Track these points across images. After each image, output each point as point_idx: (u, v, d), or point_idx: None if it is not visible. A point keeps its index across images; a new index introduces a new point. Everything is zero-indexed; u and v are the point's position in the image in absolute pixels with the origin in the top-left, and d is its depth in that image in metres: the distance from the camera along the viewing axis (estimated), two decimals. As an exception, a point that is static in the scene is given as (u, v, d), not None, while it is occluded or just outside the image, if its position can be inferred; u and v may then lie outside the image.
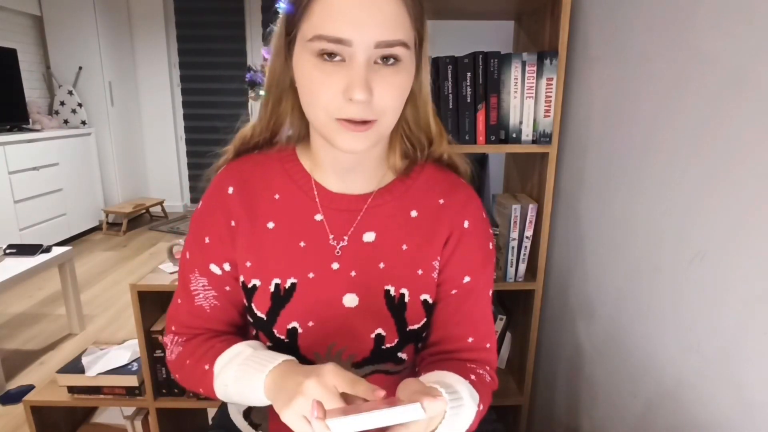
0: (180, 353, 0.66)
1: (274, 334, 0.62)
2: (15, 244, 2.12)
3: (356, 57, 0.49)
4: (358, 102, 0.49)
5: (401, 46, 0.50)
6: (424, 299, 0.64)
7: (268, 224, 0.63)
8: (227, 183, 0.63)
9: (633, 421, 0.93)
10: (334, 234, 0.62)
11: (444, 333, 0.66)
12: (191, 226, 0.66)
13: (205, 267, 0.64)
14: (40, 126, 3.55)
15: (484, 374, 0.65)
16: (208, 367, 0.61)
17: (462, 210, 0.64)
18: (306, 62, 0.51)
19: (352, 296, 0.62)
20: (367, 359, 0.63)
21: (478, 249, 0.65)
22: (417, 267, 0.63)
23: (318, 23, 0.49)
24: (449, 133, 0.64)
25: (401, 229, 0.63)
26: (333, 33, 0.48)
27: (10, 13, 3.48)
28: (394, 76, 0.51)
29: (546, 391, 1.34)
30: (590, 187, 1.08)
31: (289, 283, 0.62)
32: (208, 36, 4.32)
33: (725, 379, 0.70)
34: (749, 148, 0.64)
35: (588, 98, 1.08)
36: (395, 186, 0.64)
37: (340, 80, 0.49)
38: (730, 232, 0.68)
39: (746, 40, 0.65)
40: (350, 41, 0.48)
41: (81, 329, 2.30)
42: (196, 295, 0.65)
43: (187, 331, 0.67)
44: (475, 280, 0.65)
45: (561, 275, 1.23)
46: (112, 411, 1.53)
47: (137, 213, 4.14)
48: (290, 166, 0.64)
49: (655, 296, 0.85)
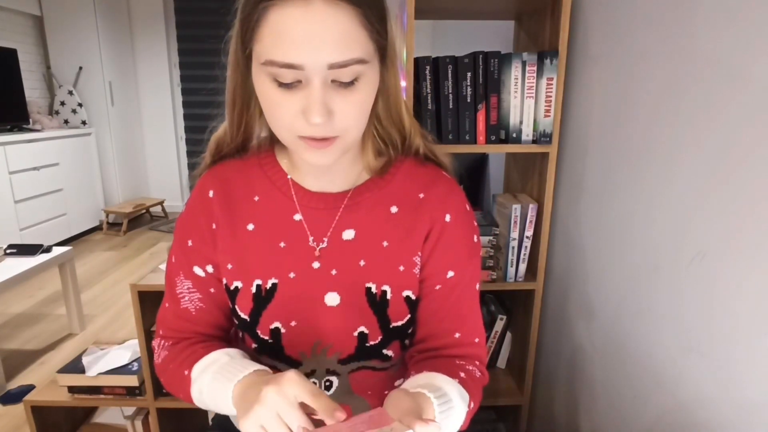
0: (165, 357, 0.66)
1: (258, 334, 0.63)
2: (15, 244, 2.12)
3: (311, 80, 0.47)
4: (316, 125, 0.49)
5: (358, 64, 0.48)
6: (407, 295, 0.63)
7: (248, 226, 0.63)
8: (208, 187, 0.64)
9: (633, 421, 0.93)
10: (314, 233, 0.62)
11: (430, 329, 0.66)
12: (176, 231, 0.67)
13: (189, 269, 0.65)
14: (40, 126, 3.55)
15: (474, 370, 0.65)
16: (187, 373, 0.61)
17: (443, 203, 0.63)
18: (263, 84, 0.50)
19: (334, 295, 0.62)
20: (353, 356, 0.63)
21: (461, 242, 0.64)
22: (398, 263, 0.62)
23: (268, 47, 0.47)
24: (431, 131, 0.62)
25: (381, 226, 0.62)
26: (283, 59, 0.46)
27: (10, 13, 3.48)
28: (353, 94, 0.50)
29: (546, 391, 1.34)
30: (590, 187, 1.08)
31: (270, 284, 0.62)
32: (208, 36, 4.31)
33: (725, 379, 0.70)
34: (750, 147, 0.64)
35: (588, 98, 1.08)
36: (373, 182, 0.63)
37: (298, 102, 0.49)
38: (730, 232, 0.68)
39: (746, 39, 0.65)
40: (302, 66, 0.46)
41: (81, 329, 2.30)
42: (181, 298, 0.66)
43: (174, 334, 0.67)
44: (459, 275, 0.64)
45: (561, 275, 1.23)
46: (112, 411, 1.53)
47: (137, 213, 4.14)
48: (269, 167, 0.64)
49: (655, 296, 0.85)
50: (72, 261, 2.21)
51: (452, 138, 1.15)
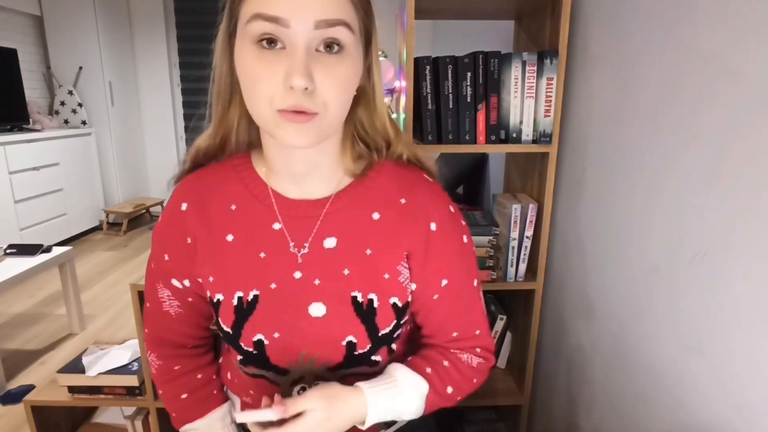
0: (155, 376, 0.73)
1: (241, 347, 0.62)
2: (15, 244, 2.12)
3: (296, 42, 0.48)
4: (298, 88, 0.47)
5: (343, 26, 0.48)
6: (394, 302, 0.62)
7: (227, 237, 0.62)
8: (181, 199, 0.63)
9: (633, 421, 0.93)
10: (295, 242, 0.61)
11: (431, 330, 0.68)
12: (153, 241, 0.67)
13: (167, 281, 0.67)
14: (40, 126, 3.55)
15: (469, 357, 0.67)
16: (175, 416, 0.71)
17: (426, 210, 0.61)
18: (246, 53, 0.50)
19: (319, 305, 0.60)
20: (341, 364, 0.62)
21: (449, 249, 0.63)
22: (383, 271, 0.61)
23: (256, 3, 0.48)
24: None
25: (364, 233, 0.61)
26: (270, 11, 0.47)
27: (10, 13, 3.48)
28: (336, 65, 0.50)
29: (546, 391, 1.34)
30: (590, 186, 1.08)
31: (252, 296, 0.61)
32: (208, 36, 4.26)
33: (725, 379, 0.70)
34: (750, 147, 0.64)
35: (588, 98, 1.08)
36: (354, 188, 0.62)
37: (281, 69, 0.48)
38: (731, 231, 0.68)
39: (746, 38, 0.65)
40: (287, 21, 0.47)
41: (81, 329, 2.30)
42: (162, 302, 0.68)
43: (158, 334, 0.72)
44: (452, 280, 0.64)
45: (561, 275, 1.23)
46: (112, 411, 1.53)
47: (137, 213, 4.14)
48: (245, 174, 0.63)
49: (655, 296, 0.85)
50: (72, 261, 2.21)
51: (452, 138, 1.15)
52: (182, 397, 0.71)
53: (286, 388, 0.65)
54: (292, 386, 0.65)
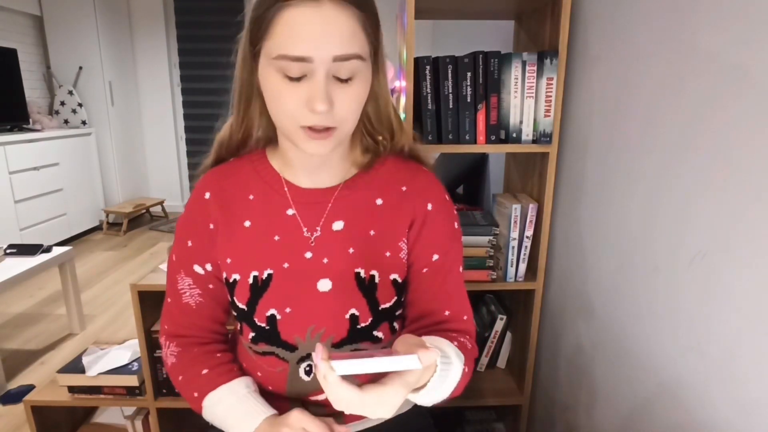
0: (173, 365, 0.73)
1: (255, 322, 0.67)
2: (15, 244, 2.12)
3: (316, 72, 0.53)
4: (320, 113, 0.54)
5: (357, 59, 0.54)
6: (394, 278, 0.68)
7: (245, 223, 0.68)
8: (205, 189, 0.70)
9: (633, 421, 0.93)
10: (307, 226, 0.67)
11: (421, 309, 0.71)
12: (176, 232, 0.72)
13: (189, 268, 0.71)
14: (40, 126, 3.55)
15: (465, 342, 0.69)
16: (197, 395, 0.70)
17: (424, 194, 0.69)
18: (271, 77, 0.56)
19: (326, 281, 0.67)
20: (345, 339, 0.67)
21: (443, 228, 0.70)
22: (384, 249, 0.68)
23: (281, 43, 0.53)
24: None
25: (368, 216, 0.68)
26: (295, 53, 0.52)
27: (10, 13, 3.49)
28: (351, 88, 0.56)
29: (546, 391, 1.34)
30: (590, 186, 1.08)
31: (266, 274, 0.67)
32: (208, 36, 4.32)
33: (725, 379, 0.70)
34: (750, 147, 0.64)
35: (588, 98, 1.08)
36: (360, 177, 0.69)
37: (303, 93, 0.54)
38: (731, 231, 0.68)
39: (745, 38, 0.65)
40: (311, 58, 0.52)
41: (81, 329, 2.30)
42: (183, 294, 0.72)
43: (177, 329, 0.74)
44: (443, 257, 0.70)
45: (561, 275, 1.23)
46: (112, 411, 1.53)
47: (137, 213, 4.14)
48: (261, 168, 0.70)
49: (655, 296, 0.85)
50: (72, 261, 2.21)
51: (452, 138, 1.15)
52: (203, 372, 0.71)
53: (294, 366, 0.69)
54: (299, 363, 0.69)
